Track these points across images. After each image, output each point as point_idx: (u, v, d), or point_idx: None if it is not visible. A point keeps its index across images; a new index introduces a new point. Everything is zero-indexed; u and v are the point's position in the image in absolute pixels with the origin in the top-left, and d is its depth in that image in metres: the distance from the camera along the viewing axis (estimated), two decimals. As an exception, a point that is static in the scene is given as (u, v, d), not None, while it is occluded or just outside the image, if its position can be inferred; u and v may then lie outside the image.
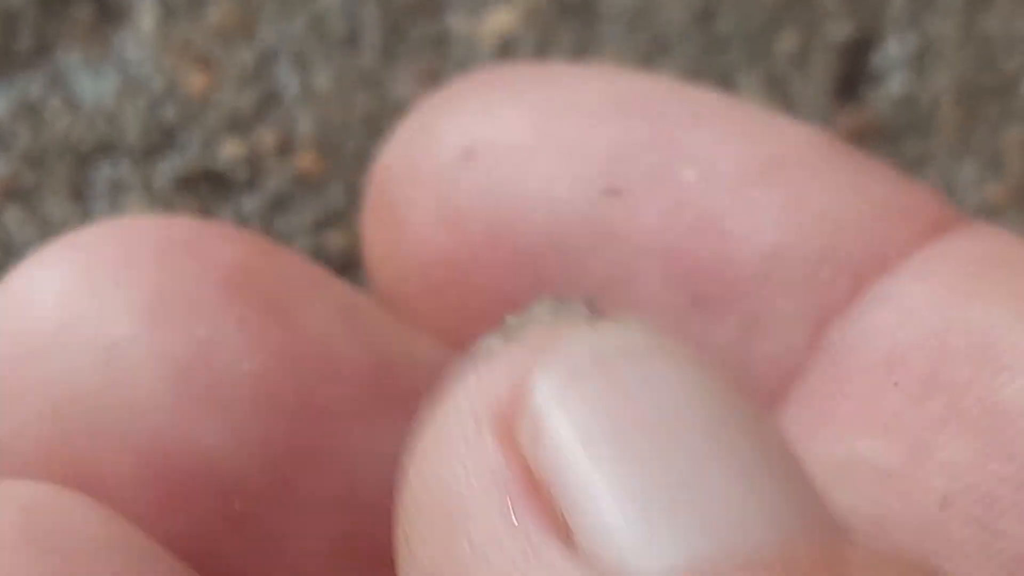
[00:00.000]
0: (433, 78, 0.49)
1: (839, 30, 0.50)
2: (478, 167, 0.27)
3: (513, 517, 0.20)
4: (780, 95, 0.49)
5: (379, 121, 0.49)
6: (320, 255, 0.47)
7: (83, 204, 0.47)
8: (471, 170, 0.27)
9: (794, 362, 0.26)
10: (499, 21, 0.50)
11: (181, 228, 0.26)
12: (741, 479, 0.20)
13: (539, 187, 0.26)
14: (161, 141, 0.48)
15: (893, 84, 0.50)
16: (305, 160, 0.48)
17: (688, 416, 0.20)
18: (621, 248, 0.26)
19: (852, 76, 0.50)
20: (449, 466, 0.20)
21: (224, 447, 0.25)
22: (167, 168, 0.48)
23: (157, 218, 0.27)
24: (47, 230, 0.46)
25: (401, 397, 0.26)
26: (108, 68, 0.49)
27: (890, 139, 0.49)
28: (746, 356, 0.26)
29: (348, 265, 0.46)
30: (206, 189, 0.48)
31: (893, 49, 0.50)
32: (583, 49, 0.49)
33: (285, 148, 0.48)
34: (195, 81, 0.49)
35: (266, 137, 0.48)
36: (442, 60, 0.50)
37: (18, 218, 0.47)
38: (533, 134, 0.27)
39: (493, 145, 0.27)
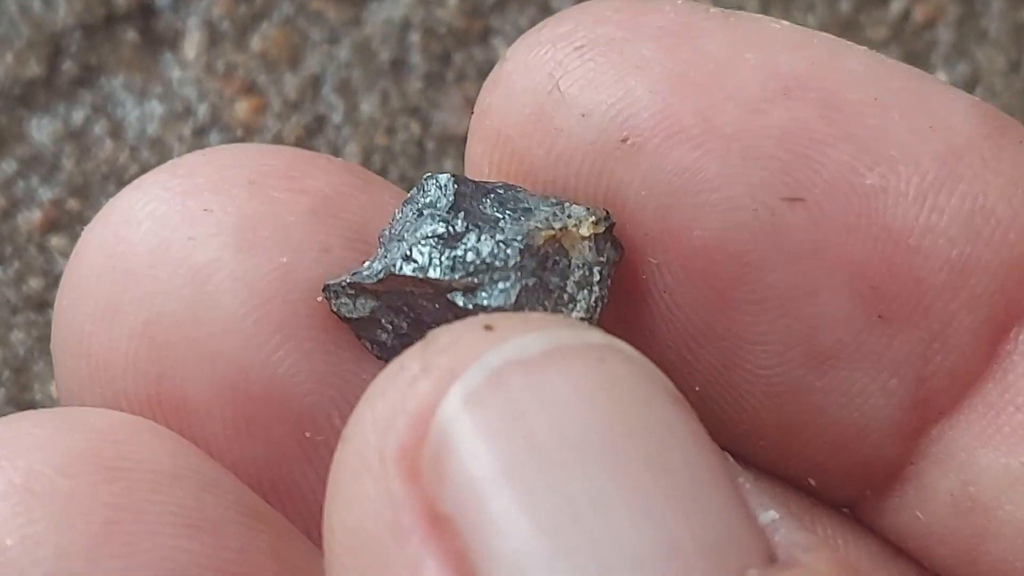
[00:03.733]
0: (479, 106, 0.49)
1: (887, 59, 0.50)
2: (641, 155, 0.25)
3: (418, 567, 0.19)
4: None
5: (424, 148, 0.49)
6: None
7: (127, 231, 0.47)
8: (631, 156, 0.25)
9: (973, 373, 0.25)
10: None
11: (276, 156, 0.26)
12: (640, 509, 0.19)
13: (713, 187, 0.25)
14: (206, 168, 0.48)
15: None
16: (350, 188, 0.48)
17: (582, 435, 0.20)
18: (803, 259, 0.25)
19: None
20: (359, 509, 0.20)
21: (299, 375, 0.25)
22: (212, 196, 0.48)
23: (255, 146, 0.27)
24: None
25: None
26: (153, 94, 0.49)
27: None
28: (925, 369, 0.25)
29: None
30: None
31: (942, 80, 0.50)
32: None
33: (330, 176, 0.48)
34: (241, 108, 0.49)
35: (311, 165, 0.48)
36: (488, 88, 0.49)
37: (62, 246, 0.47)
38: (696, 119, 0.24)
39: (653, 131, 0.25)
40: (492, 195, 0.25)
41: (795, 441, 0.26)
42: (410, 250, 0.25)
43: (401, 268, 0.25)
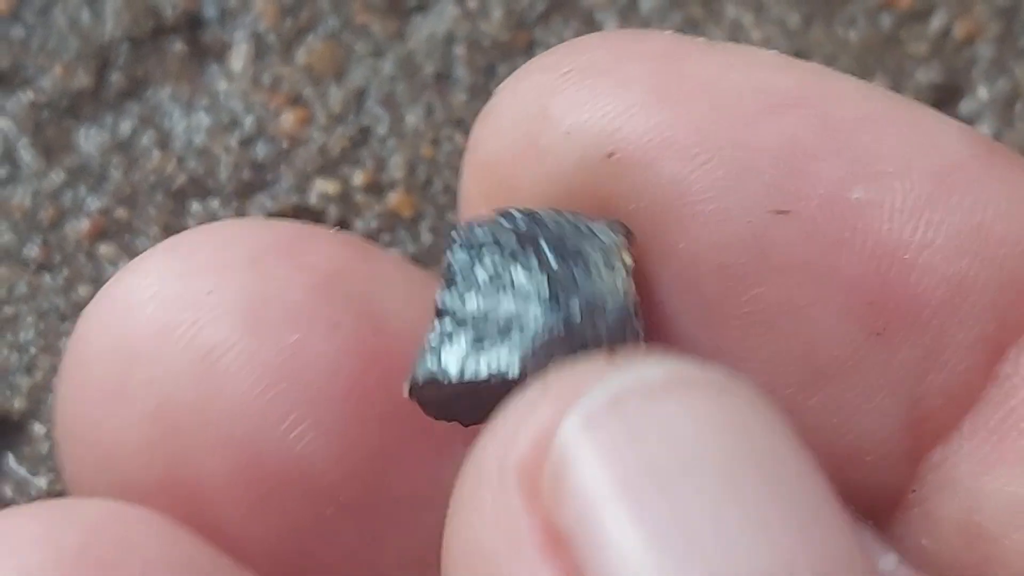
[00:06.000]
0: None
1: (928, 76, 0.50)
2: (628, 169, 0.25)
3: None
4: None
5: (468, 161, 0.49)
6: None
7: (173, 241, 0.47)
8: (619, 171, 0.25)
9: (970, 394, 0.25)
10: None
11: (276, 232, 0.26)
12: (756, 529, 0.20)
13: (704, 198, 0.24)
14: (253, 179, 0.48)
15: (982, 131, 0.49)
16: (395, 199, 0.48)
17: (700, 460, 0.20)
18: (793, 273, 0.24)
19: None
20: (479, 522, 0.21)
21: (316, 452, 0.25)
22: (259, 206, 0.48)
23: (252, 222, 0.27)
24: (138, 267, 0.46)
25: None
26: (200, 106, 0.49)
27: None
28: (920, 388, 0.25)
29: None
30: (296, 227, 0.48)
31: (982, 96, 0.50)
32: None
33: (375, 187, 0.48)
34: (286, 120, 0.49)
35: (357, 176, 0.48)
36: (532, 101, 0.49)
37: (110, 255, 0.47)
38: (686, 132, 0.24)
39: (639, 144, 0.24)
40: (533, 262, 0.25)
41: None
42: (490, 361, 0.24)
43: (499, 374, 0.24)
